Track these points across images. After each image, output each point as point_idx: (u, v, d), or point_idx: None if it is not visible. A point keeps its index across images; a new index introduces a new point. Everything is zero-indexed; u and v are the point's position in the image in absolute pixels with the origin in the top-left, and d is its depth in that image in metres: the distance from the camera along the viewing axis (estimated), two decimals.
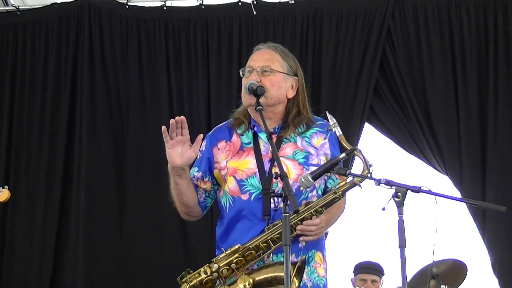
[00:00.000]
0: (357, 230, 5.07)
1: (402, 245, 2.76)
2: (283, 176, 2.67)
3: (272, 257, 3.05)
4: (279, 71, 3.16)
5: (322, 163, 3.13)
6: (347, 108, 4.97)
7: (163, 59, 5.10)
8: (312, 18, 5.07)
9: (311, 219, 3.02)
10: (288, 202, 2.62)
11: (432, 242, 2.87)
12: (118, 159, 5.06)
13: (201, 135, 3.05)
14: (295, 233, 3.02)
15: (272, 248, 3.00)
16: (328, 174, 3.12)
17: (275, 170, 3.05)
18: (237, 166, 3.12)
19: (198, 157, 3.20)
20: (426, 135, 4.91)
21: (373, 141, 5.12)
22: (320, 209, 3.04)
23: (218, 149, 3.19)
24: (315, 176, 2.89)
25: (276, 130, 3.16)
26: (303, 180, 2.87)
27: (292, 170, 3.09)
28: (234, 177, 3.10)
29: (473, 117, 4.90)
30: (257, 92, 3.03)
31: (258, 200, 3.07)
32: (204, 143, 3.23)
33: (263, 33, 5.06)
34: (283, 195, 2.63)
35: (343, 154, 2.92)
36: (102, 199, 5.01)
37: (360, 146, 4.92)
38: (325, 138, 3.21)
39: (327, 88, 5.00)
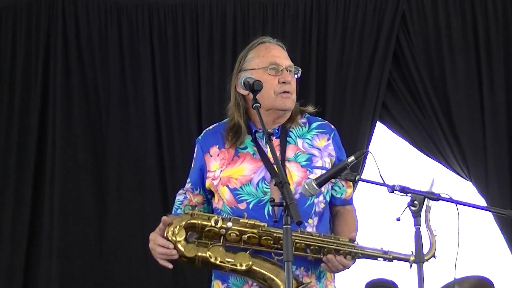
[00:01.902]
0: (368, 242, 5.07)
1: (419, 260, 2.78)
2: (284, 183, 2.70)
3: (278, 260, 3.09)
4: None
5: (327, 165, 3.21)
6: (357, 105, 4.99)
7: (147, 51, 5.09)
8: (317, 2, 5.08)
9: (345, 257, 3.11)
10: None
11: (453, 257, 2.88)
12: (97, 165, 5.06)
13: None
14: (321, 257, 3.10)
15: None
16: (333, 180, 3.19)
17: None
18: (231, 174, 3.18)
19: (193, 165, 3.32)
20: (446, 135, 4.92)
21: (386, 142, 5.14)
22: (361, 255, 3.13)
23: (211, 155, 3.25)
24: (320, 182, 2.92)
25: (277, 131, 3.25)
26: (306, 187, 2.91)
27: (295, 173, 3.16)
28: (228, 186, 3.17)
29: (500, 114, 4.92)
30: (254, 87, 3.06)
31: (258, 208, 3.12)
32: (195, 150, 3.34)
33: (260, 20, 5.06)
34: (284, 204, 2.66)
35: (352, 158, 2.95)
36: (78, 210, 5.00)
37: (371, 148, 4.95)
38: (328, 139, 3.29)
39: (334, 82, 5.01)
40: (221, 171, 3.20)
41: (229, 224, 3.04)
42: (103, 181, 5.05)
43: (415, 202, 2.82)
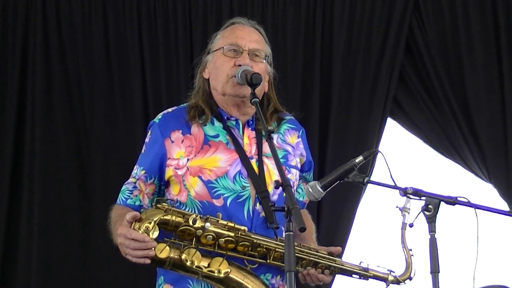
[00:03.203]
0: (378, 252, 5.08)
1: (434, 270, 2.79)
2: (285, 185, 2.70)
3: (251, 268, 3.11)
4: (266, 59, 3.27)
5: (298, 165, 3.30)
6: (366, 100, 5.00)
7: (135, 41, 5.09)
8: None
9: (323, 272, 3.16)
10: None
11: (472, 266, 2.88)
12: (81, 166, 5.04)
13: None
14: (297, 268, 3.11)
15: (267, 262, 3.09)
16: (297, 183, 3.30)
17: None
18: (203, 164, 3.15)
19: (143, 151, 3.28)
20: (464, 133, 4.93)
21: (397, 141, 5.15)
22: (339, 270, 3.19)
23: (172, 141, 3.20)
24: (326, 185, 2.93)
25: (251, 122, 3.25)
26: (310, 190, 2.93)
27: (273, 170, 3.19)
28: (200, 178, 3.14)
29: None
30: (253, 81, 3.08)
31: (236, 205, 3.12)
32: (150, 134, 3.29)
33: (259, 8, 5.07)
34: (286, 208, 2.65)
35: (360, 158, 2.96)
36: (61, 216, 4.99)
37: (381, 147, 4.95)
38: (298, 137, 3.36)
39: (340, 75, 5.02)
40: (188, 159, 3.16)
41: (207, 224, 2.99)
42: (88, 184, 5.04)
43: (430, 206, 2.83)
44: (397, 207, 3.03)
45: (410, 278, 3.13)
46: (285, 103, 3.44)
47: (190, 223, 2.98)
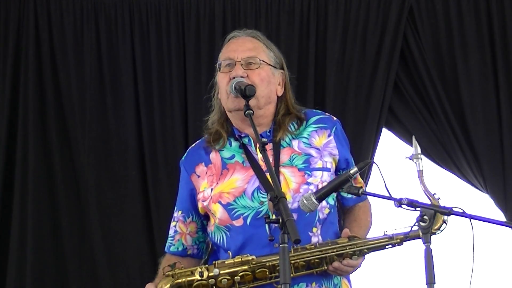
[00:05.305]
0: (372, 262, 5.09)
1: (430, 281, 2.80)
2: (280, 197, 2.72)
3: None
4: (267, 63, 3.25)
5: (329, 165, 3.24)
6: (360, 110, 5.03)
7: (127, 54, 5.11)
8: None
9: (351, 258, 3.12)
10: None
11: (468, 277, 2.90)
12: (75, 181, 5.06)
13: None
14: (325, 268, 3.11)
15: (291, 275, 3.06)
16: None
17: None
18: (222, 189, 3.19)
19: (179, 192, 3.33)
20: (460, 142, 4.96)
21: (392, 151, 5.16)
22: (366, 250, 3.14)
23: (198, 176, 3.26)
24: (320, 196, 2.94)
25: (268, 133, 3.25)
26: (305, 201, 2.93)
27: (291, 178, 3.18)
28: (220, 202, 3.17)
29: None
30: (246, 92, 3.10)
31: (256, 221, 3.13)
32: (181, 173, 3.33)
33: (252, 17, 5.09)
34: (281, 221, 2.67)
35: (355, 169, 2.98)
36: (54, 233, 5.01)
37: (376, 157, 4.97)
38: (329, 135, 3.30)
39: (334, 84, 5.05)
40: (211, 189, 3.20)
41: (216, 270, 3.05)
42: (82, 199, 5.05)
43: (425, 217, 2.83)
44: (406, 157, 3.05)
45: (446, 222, 3.04)
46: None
47: (198, 277, 3.06)
